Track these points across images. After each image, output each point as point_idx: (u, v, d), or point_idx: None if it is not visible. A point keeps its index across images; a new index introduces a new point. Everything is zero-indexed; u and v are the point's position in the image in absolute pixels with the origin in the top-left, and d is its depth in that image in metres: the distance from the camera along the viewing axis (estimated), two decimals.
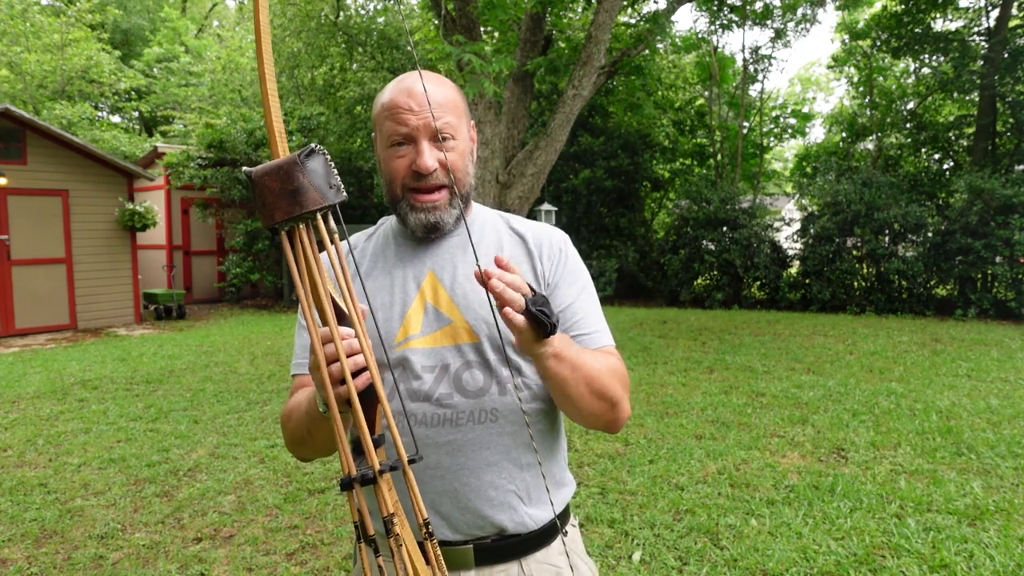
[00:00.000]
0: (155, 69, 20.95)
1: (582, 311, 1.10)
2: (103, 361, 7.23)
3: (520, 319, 0.83)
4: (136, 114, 22.94)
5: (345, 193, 0.75)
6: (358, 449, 0.76)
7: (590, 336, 1.08)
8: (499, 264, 0.83)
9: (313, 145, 0.74)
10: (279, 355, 7.46)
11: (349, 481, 0.73)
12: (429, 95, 1.01)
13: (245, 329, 9.62)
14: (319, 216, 0.74)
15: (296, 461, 4.04)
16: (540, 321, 0.84)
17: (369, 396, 0.77)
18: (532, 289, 0.85)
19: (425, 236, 1.08)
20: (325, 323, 0.76)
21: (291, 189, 0.72)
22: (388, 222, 1.19)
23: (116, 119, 22.36)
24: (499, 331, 1.03)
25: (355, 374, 0.77)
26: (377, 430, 0.81)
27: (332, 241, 0.75)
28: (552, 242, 1.13)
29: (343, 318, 0.78)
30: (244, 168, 0.74)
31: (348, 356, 0.77)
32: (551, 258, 1.12)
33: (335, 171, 0.75)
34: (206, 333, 9.33)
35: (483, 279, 0.82)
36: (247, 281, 12.22)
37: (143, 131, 22.35)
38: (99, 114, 20.31)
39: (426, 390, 1.03)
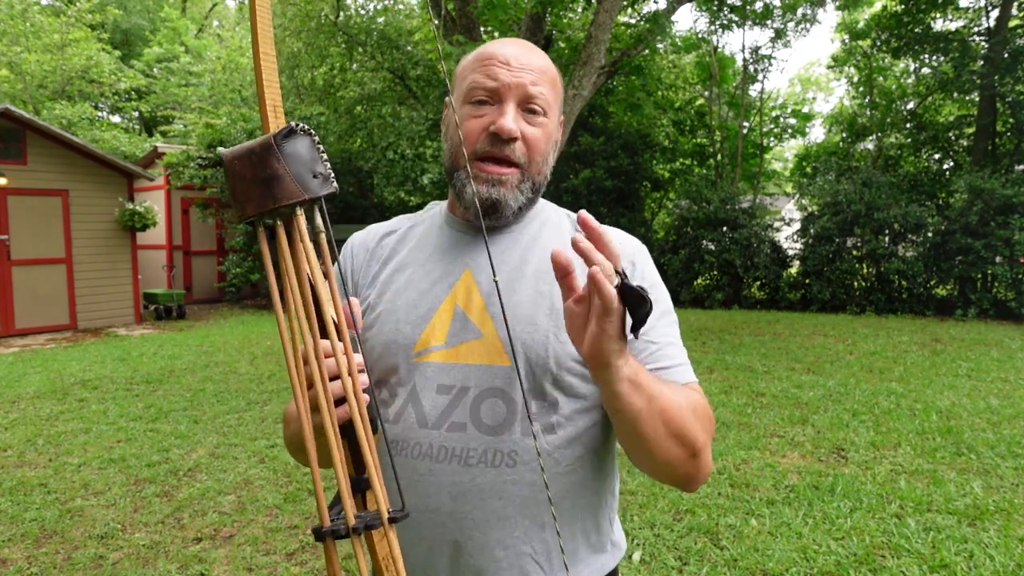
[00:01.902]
0: (155, 69, 20.96)
1: (660, 339, 0.89)
2: (103, 361, 7.23)
3: (611, 291, 0.63)
4: (136, 114, 22.95)
5: (335, 184, 0.62)
6: (355, 487, 0.65)
7: (670, 370, 0.88)
8: (584, 225, 0.65)
9: (294, 124, 0.61)
10: (279, 355, 7.45)
11: (321, 533, 0.61)
12: (528, 60, 0.88)
13: (245, 329, 9.62)
14: (299, 211, 0.61)
15: (297, 461, 4.04)
16: (639, 297, 0.64)
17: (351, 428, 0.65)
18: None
19: (478, 217, 0.90)
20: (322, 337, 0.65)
21: (263, 177, 0.59)
22: (437, 207, 1.03)
23: (116, 119, 22.37)
24: (548, 356, 0.86)
25: (338, 403, 0.65)
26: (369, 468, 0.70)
27: (315, 240, 0.63)
28: (623, 253, 0.91)
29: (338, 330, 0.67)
30: (219, 149, 0.65)
31: (335, 378, 0.65)
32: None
33: (324, 156, 0.62)
34: (206, 333, 9.33)
35: (562, 265, 0.65)
36: (247, 281, 12.21)
37: (143, 131, 22.36)
38: (99, 114, 20.32)
39: (437, 416, 0.85)
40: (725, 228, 11.97)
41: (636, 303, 0.64)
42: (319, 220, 0.63)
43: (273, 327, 9.71)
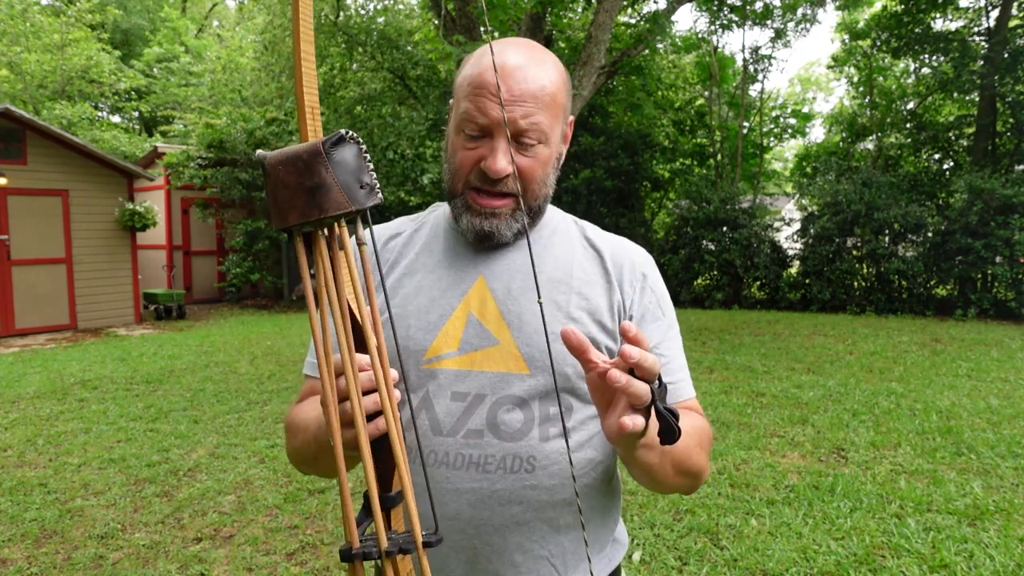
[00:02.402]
0: (155, 69, 20.97)
1: (668, 354, 0.91)
2: (103, 361, 7.23)
3: (640, 422, 0.62)
4: (136, 114, 22.96)
5: (380, 195, 0.60)
6: (369, 507, 0.62)
7: (674, 387, 0.90)
8: (625, 334, 0.62)
9: (343, 132, 0.59)
10: (279, 355, 7.46)
11: (350, 555, 0.59)
12: (528, 81, 0.83)
13: (245, 329, 9.62)
14: (342, 223, 0.60)
15: (303, 472, 4.03)
16: (667, 428, 0.63)
17: (386, 443, 0.63)
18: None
19: (476, 243, 0.92)
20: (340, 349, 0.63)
21: (310, 186, 0.57)
22: (440, 210, 1.01)
23: (116, 119, 22.38)
24: (557, 364, 0.87)
25: (370, 417, 0.64)
26: (396, 485, 0.67)
27: (360, 252, 0.62)
28: (634, 265, 0.94)
29: (363, 342, 0.64)
30: (258, 152, 0.60)
31: (368, 392, 0.64)
32: (632, 285, 0.92)
33: (370, 166, 0.60)
34: (206, 333, 9.33)
35: (576, 346, 0.63)
36: (247, 281, 12.22)
37: (143, 131, 22.37)
38: (99, 114, 20.33)
39: (453, 423, 0.85)
40: (725, 228, 11.97)
41: (663, 426, 0.64)
42: (362, 232, 0.61)
43: (272, 327, 9.71)
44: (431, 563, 0.87)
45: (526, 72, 0.84)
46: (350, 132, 0.59)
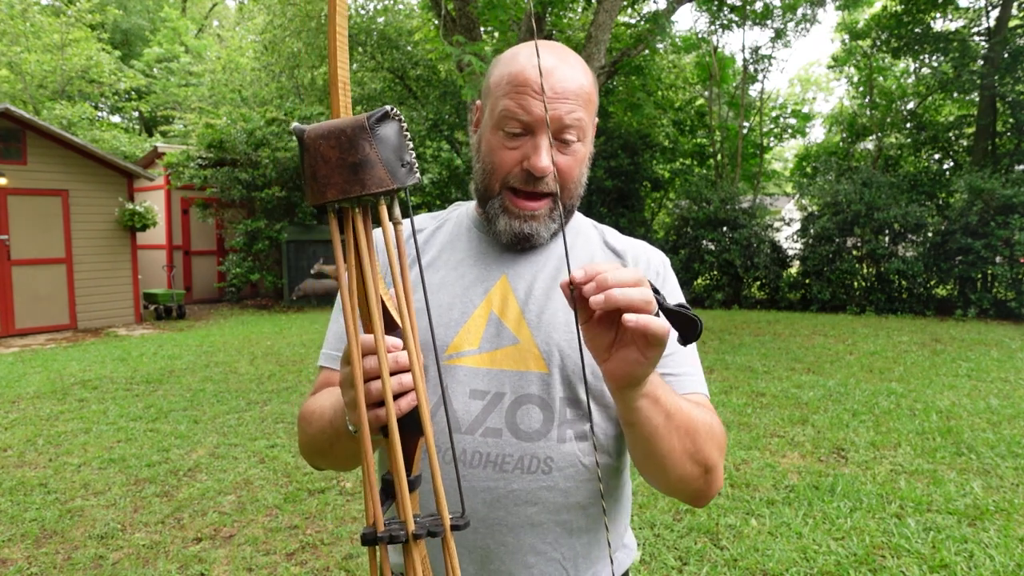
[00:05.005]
0: (155, 69, 20.98)
1: (670, 349, 0.89)
2: (103, 361, 7.23)
3: (663, 326, 0.62)
4: (136, 114, 22.96)
5: (419, 174, 0.59)
6: (387, 490, 0.61)
7: (680, 378, 0.89)
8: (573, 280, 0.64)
9: (388, 108, 0.58)
10: (279, 355, 7.46)
11: (374, 537, 0.56)
12: (567, 80, 0.84)
13: (245, 329, 9.62)
14: (382, 201, 0.58)
15: (297, 461, 4.04)
16: (686, 319, 0.64)
17: (409, 426, 0.63)
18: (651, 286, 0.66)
19: (511, 246, 0.92)
20: (369, 330, 0.61)
21: (352, 162, 0.56)
22: (464, 208, 1.02)
23: (116, 119, 22.39)
24: (574, 364, 0.87)
25: (397, 396, 0.64)
26: (415, 469, 0.66)
27: (396, 232, 0.61)
28: (650, 264, 0.96)
29: (392, 325, 0.63)
30: (295, 125, 0.59)
31: (393, 373, 0.63)
32: None
33: (410, 144, 0.59)
34: (206, 333, 9.33)
35: (571, 295, 0.64)
36: (247, 281, 12.22)
37: (143, 131, 22.37)
38: (99, 114, 20.34)
39: (471, 420, 0.85)
40: (725, 228, 11.97)
41: (683, 326, 0.64)
42: (397, 211, 0.60)
43: (272, 327, 9.71)
44: (440, 562, 0.87)
45: (563, 72, 0.85)
46: (394, 109, 0.58)
